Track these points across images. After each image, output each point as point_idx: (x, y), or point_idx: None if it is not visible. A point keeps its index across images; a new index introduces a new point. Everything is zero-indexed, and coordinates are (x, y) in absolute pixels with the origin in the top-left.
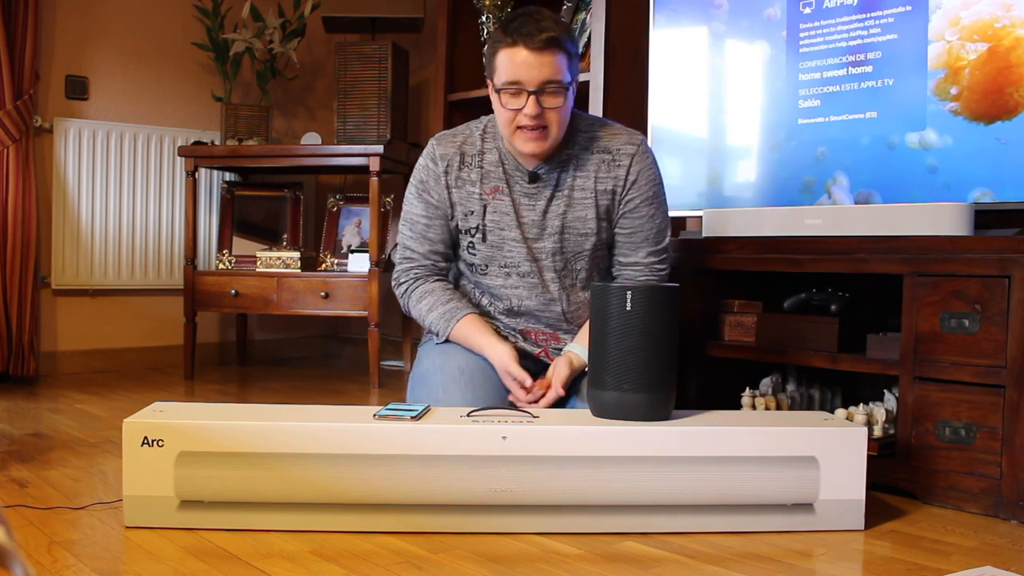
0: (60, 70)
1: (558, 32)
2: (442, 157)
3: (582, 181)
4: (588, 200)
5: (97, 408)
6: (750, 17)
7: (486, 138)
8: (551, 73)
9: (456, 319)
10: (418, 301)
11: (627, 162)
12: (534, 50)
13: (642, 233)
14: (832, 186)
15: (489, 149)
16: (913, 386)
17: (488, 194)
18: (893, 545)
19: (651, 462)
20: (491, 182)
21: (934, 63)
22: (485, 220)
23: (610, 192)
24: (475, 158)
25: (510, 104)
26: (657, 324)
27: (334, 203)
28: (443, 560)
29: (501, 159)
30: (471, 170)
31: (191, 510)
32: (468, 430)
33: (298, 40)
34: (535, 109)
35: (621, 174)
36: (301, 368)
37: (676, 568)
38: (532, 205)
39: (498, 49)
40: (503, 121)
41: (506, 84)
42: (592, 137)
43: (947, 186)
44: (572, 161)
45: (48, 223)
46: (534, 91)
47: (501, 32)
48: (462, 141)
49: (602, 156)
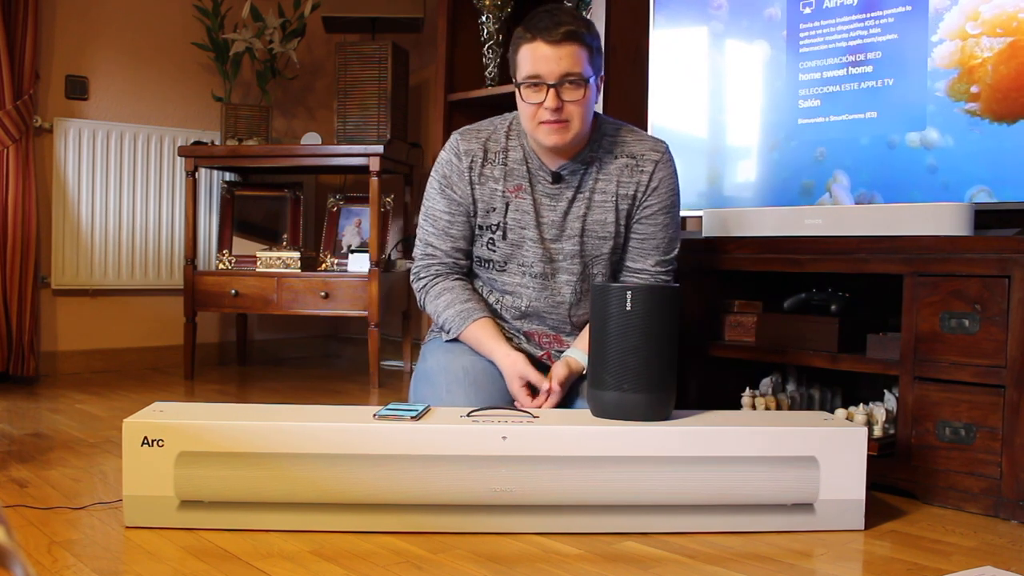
0: (60, 70)
1: (576, 26)
2: (467, 153)
3: (604, 184)
4: (609, 204)
5: (97, 408)
6: (750, 17)
7: (511, 135)
8: (570, 66)
9: (472, 319)
10: (436, 297)
11: (651, 168)
12: (552, 43)
13: (654, 241)
14: (832, 184)
15: (514, 147)
16: (913, 386)
17: (511, 192)
18: (893, 545)
19: (651, 462)
20: (514, 180)
21: (944, 62)
22: (507, 218)
23: (631, 197)
24: (499, 155)
25: (531, 98)
26: (657, 324)
27: (334, 203)
28: (443, 560)
29: (525, 157)
30: (494, 167)
31: (191, 510)
32: (468, 430)
33: (298, 40)
34: (555, 102)
35: (644, 179)
36: (301, 368)
37: (676, 568)
38: (553, 206)
39: (519, 46)
40: (526, 116)
41: (527, 78)
42: (617, 141)
43: (946, 186)
44: (595, 164)
45: (48, 223)
46: (554, 84)
47: (522, 29)
48: (487, 137)
49: (626, 161)
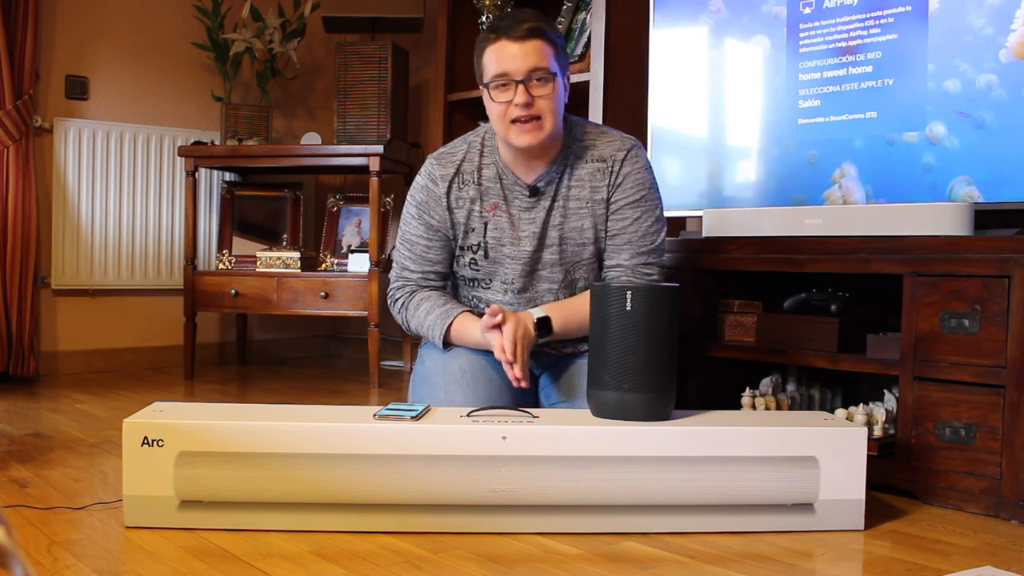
0: (60, 70)
1: (539, 23)
2: (442, 178)
3: (577, 191)
4: (584, 210)
5: (97, 408)
6: (750, 16)
7: (484, 153)
8: (536, 61)
9: (453, 315)
10: (416, 308)
11: (617, 168)
12: (517, 40)
13: (625, 236)
14: (842, 178)
15: (487, 165)
16: (913, 386)
17: (488, 211)
18: (893, 545)
19: (651, 462)
20: (490, 199)
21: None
22: (486, 237)
23: (605, 201)
24: (472, 175)
25: (500, 97)
26: (657, 324)
27: (334, 203)
28: (443, 560)
29: (499, 174)
30: (469, 187)
31: (191, 510)
32: (468, 430)
33: (298, 40)
34: (525, 97)
35: (611, 180)
36: (301, 368)
37: (676, 568)
38: (531, 219)
39: (484, 48)
40: (496, 117)
41: (494, 78)
42: (587, 146)
43: (943, 186)
44: (567, 171)
45: (48, 223)
46: (522, 80)
47: (484, 32)
48: (460, 159)
49: (597, 165)
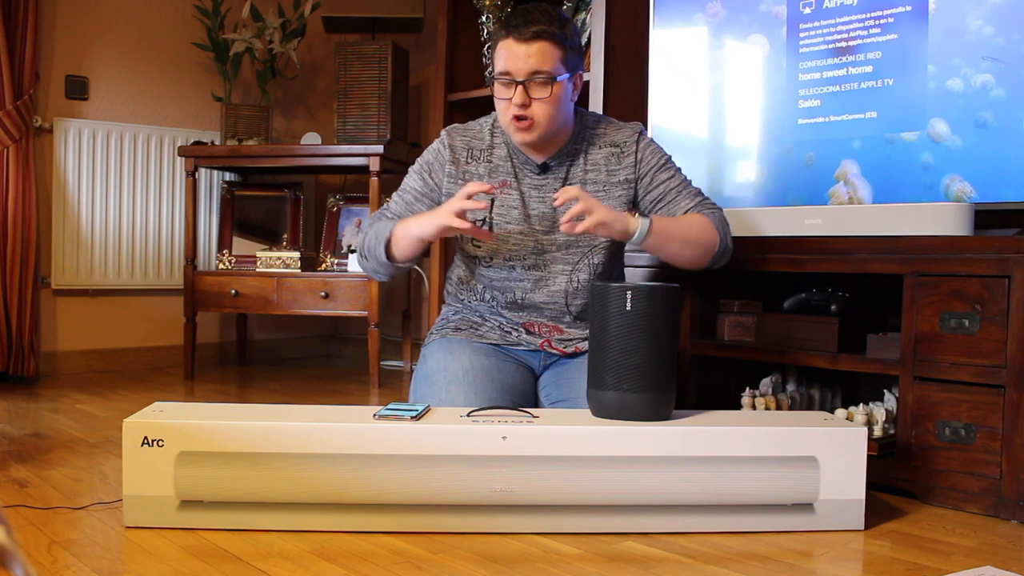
0: (60, 70)
1: (548, 25)
2: (451, 148)
3: (593, 175)
4: (600, 194)
5: (97, 408)
6: (750, 16)
7: (495, 133)
8: (538, 63)
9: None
10: (375, 222)
11: (633, 148)
12: (522, 41)
13: (673, 190)
14: (848, 175)
15: (498, 144)
16: (913, 386)
17: (497, 187)
18: (893, 545)
19: (651, 462)
20: (500, 175)
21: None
22: (492, 213)
23: (627, 181)
24: (484, 152)
25: (502, 94)
26: (657, 324)
27: (334, 203)
28: (443, 560)
29: (510, 153)
30: (479, 164)
31: (191, 510)
32: (468, 430)
33: (298, 40)
34: (521, 98)
35: (631, 161)
36: (301, 368)
37: (676, 568)
38: (542, 198)
39: (496, 42)
40: (499, 111)
41: (499, 74)
42: (598, 133)
43: (943, 186)
44: (581, 156)
45: (48, 223)
46: (522, 81)
47: (498, 26)
48: (472, 136)
49: (611, 150)
